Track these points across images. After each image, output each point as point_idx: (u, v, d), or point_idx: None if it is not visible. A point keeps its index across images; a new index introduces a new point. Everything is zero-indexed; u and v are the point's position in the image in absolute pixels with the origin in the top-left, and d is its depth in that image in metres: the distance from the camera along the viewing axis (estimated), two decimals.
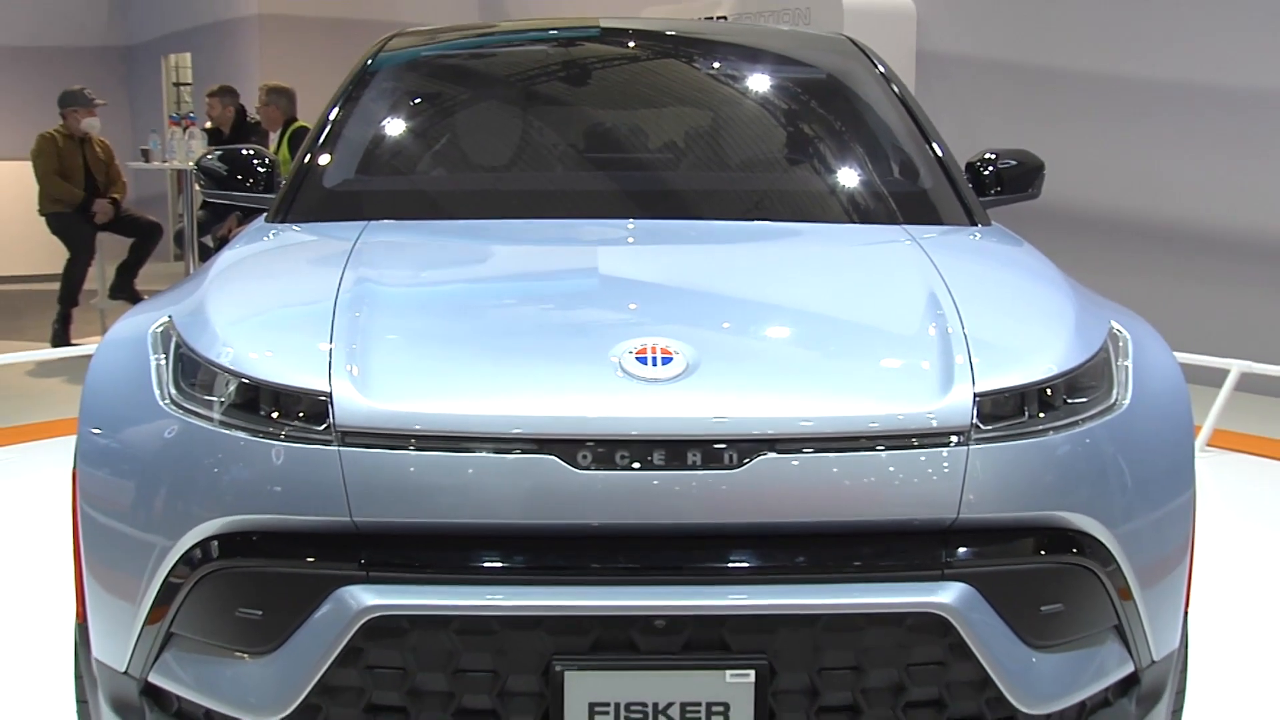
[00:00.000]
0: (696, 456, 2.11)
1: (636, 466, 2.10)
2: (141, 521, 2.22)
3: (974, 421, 2.17)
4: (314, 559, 2.11)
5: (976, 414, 2.18)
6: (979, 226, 3.13)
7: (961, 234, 3.07)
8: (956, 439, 2.16)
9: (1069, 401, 2.28)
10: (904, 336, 2.39)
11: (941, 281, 2.51)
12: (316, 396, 2.15)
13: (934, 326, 2.35)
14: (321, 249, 2.91)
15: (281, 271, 2.83)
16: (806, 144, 3.58)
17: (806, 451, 2.12)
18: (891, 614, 2.11)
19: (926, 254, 2.69)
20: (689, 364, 2.20)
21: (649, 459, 2.10)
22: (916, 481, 2.13)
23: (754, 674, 2.10)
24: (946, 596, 2.11)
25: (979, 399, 2.19)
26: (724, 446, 2.11)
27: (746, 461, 2.11)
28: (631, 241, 2.94)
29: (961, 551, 2.14)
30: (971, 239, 3.04)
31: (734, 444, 2.11)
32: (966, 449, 2.15)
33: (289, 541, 2.13)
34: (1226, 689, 3.55)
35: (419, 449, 2.10)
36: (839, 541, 2.15)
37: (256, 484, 2.13)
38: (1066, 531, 2.21)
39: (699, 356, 2.22)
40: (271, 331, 2.39)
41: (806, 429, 2.12)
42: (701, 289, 2.66)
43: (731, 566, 2.13)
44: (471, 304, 2.56)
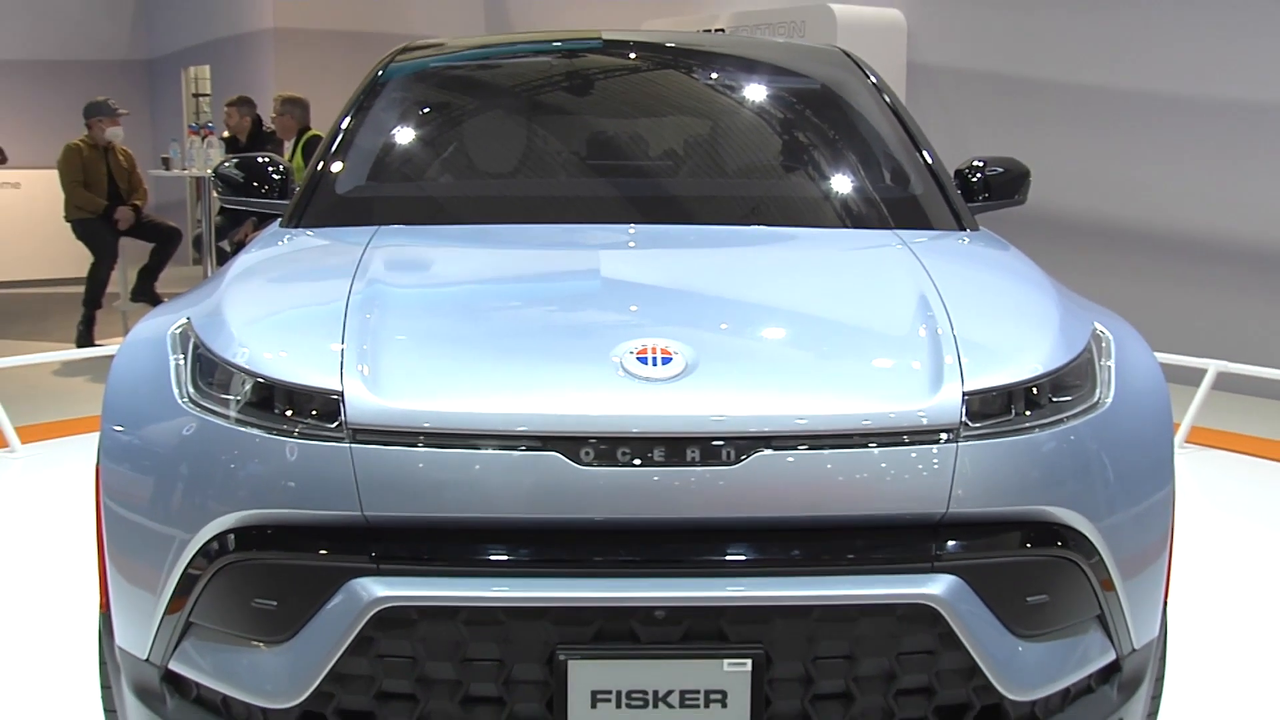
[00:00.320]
0: (695, 453, 2.14)
1: (637, 463, 2.14)
2: (161, 515, 2.26)
3: (963, 419, 2.21)
4: (326, 552, 2.15)
5: (965, 412, 2.22)
6: (967, 231, 3.16)
7: (951, 239, 3.11)
8: (946, 436, 2.19)
9: (1054, 400, 2.32)
10: (895, 337, 2.42)
11: (931, 284, 2.54)
12: (329, 395, 2.20)
13: (924, 328, 2.39)
14: (334, 253, 2.94)
15: (295, 275, 2.87)
16: (801, 152, 3.61)
17: (801, 448, 2.16)
18: (883, 605, 2.15)
19: (917, 258, 2.72)
20: (688, 364, 2.24)
21: (649, 456, 2.14)
22: (907, 477, 2.17)
23: (751, 663, 2.13)
24: (936, 588, 2.14)
25: (968, 398, 2.23)
26: (722, 444, 2.15)
27: (744, 458, 2.14)
28: (632, 246, 2.97)
29: (950, 545, 2.18)
30: (960, 244, 3.08)
31: (731, 441, 2.15)
32: (955, 446, 2.19)
33: (302, 535, 2.17)
34: (1205, 676, 3.61)
35: (427, 446, 2.14)
36: (833, 535, 2.18)
37: (271, 480, 2.17)
38: (1051, 525, 2.25)
39: (698, 357, 2.26)
40: (285, 332, 2.43)
41: (801, 427, 2.16)
42: (700, 292, 2.69)
43: (729, 560, 2.16)
44: (478, 306, 2.59)
